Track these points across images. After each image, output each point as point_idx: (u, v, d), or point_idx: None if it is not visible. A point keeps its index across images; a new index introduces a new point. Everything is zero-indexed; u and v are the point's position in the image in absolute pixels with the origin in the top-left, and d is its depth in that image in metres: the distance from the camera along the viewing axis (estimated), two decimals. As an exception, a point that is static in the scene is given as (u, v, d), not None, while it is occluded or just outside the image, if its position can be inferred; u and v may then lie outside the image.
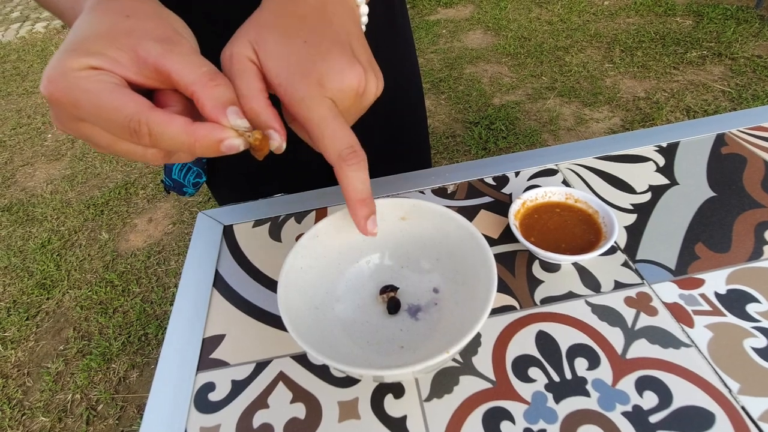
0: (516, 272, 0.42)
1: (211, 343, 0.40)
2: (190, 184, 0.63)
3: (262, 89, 0.28)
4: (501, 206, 0.48)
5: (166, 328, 1.60)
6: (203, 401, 0.36)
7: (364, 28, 0.33)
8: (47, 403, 1.45)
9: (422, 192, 0.51)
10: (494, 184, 0.51)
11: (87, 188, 2.38)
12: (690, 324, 0.36)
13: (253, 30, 0.29)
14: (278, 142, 0.29)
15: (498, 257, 0.43)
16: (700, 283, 0.39)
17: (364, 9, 0.32)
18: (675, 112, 2.14)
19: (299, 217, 0.50)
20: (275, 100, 0.30)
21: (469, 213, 0.48)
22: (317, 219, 0.50)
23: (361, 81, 0.29)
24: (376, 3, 0.55)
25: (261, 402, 0.35)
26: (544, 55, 2.73)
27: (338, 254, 0.39)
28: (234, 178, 0.65)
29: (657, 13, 2.94)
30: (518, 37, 2.95)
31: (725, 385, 0.32)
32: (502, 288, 0.41)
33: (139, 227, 2.09)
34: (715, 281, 0.39)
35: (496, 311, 0.39)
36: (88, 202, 2.27)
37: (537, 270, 0.42)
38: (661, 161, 0.50)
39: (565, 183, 0.50)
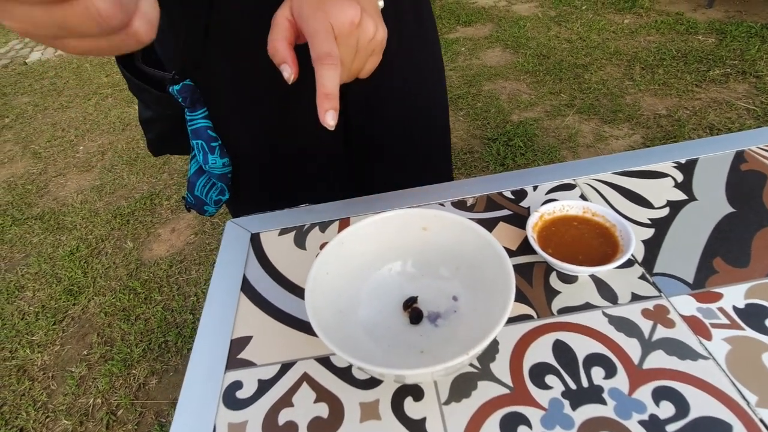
0: (533, 283, 0.43)
1: (238, 344, 0.42)
2: (211, 202, 0.65)
3: (286, 37, 0.38)
4: (519, 219, 0.50)
5: (185, 336, 1.63)
6: (231, 398, 0.37)
7: (381, 4, 0.42)
8: (70, 407, 1.49)
9: (442, 204, 0.53)
10: (512, 197, 0.52)
11: (114, 198, 2.46)
12: (708, 337, 0.36)
13: None
14: (287, 73, 0.37)
15: (516, 268, 0.44)
16: (719, 297, 0.39)
17: None
18: (697, 129, 2.12)
19: (323, 226, 0.53)
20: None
21: (488, 225, 0.49)
22: (340, 228, 0.52)
23: (357, 16, 0.36)
24: (407, 18, 0.57)
25: (286, 401, 0.37)
26: (563, 73, 2.74)
27: (362, 261, 0.41)
28: (257, 195, 0.67)
29: (678, 31, 2.93)
30: (537, 55, 2.97)
31: (743, 397, 0.32)
32: (520, 297, 0.42)
33: (163, 237, 2.15)
34: (734, 295, 0.39)
35: (513, 320, 0.40)
36: (115, 211, 2.34)
37: (554, 281, 0.43)
38: (680, 177, 0.51)
39: (583, 197, 0.51)
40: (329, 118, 0.36)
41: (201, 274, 1.90)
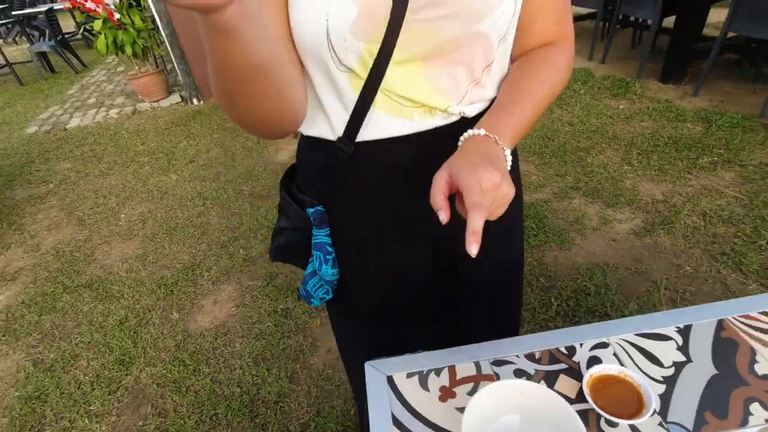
0: (589, 426, 0.63)
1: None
2: (318, 298, 0.83)
3: (443, 191, 0.54)
4: (573, 372, 0.70)
5: (234, 409, 1.77)
6: None
7: (508, 166, 0.58)
8: (130, 479, 1.60)
9: (518, 356, 0.73)
10: (566, 353, 0.73)
11: (157, 268, 2.61)
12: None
13: (449, 161, 0.56)
14: (443, 216, 0.52)
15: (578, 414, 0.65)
16: (711, 442, 0.60)
17: (509, 157, 0.59)
18: (692, 216, 2.34)
19: (438, 371, 0.72)
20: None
21: (553, 377, 0.69)
22: (450, 374, 0.70)
23: (497, 179, 0.52)
24: None
25: None
26: (568, 155, 3.00)
27: (490, 413, 0.61)
28: (354, 303, 0.84)
29: (669, 118, 3.23)
30: (542, 137, 3.26)
31: None
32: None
33: (206, 308, 2.29)
34: (721, 442, 0.59)
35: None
36: (159, 281, 2.49)
37: (603, 425, 0.63)
38: (680, 341, 0.73)
39: (615, 355, 0.72)
40: (473, 249, 0.50)
41: (245, 347, 2.03)
